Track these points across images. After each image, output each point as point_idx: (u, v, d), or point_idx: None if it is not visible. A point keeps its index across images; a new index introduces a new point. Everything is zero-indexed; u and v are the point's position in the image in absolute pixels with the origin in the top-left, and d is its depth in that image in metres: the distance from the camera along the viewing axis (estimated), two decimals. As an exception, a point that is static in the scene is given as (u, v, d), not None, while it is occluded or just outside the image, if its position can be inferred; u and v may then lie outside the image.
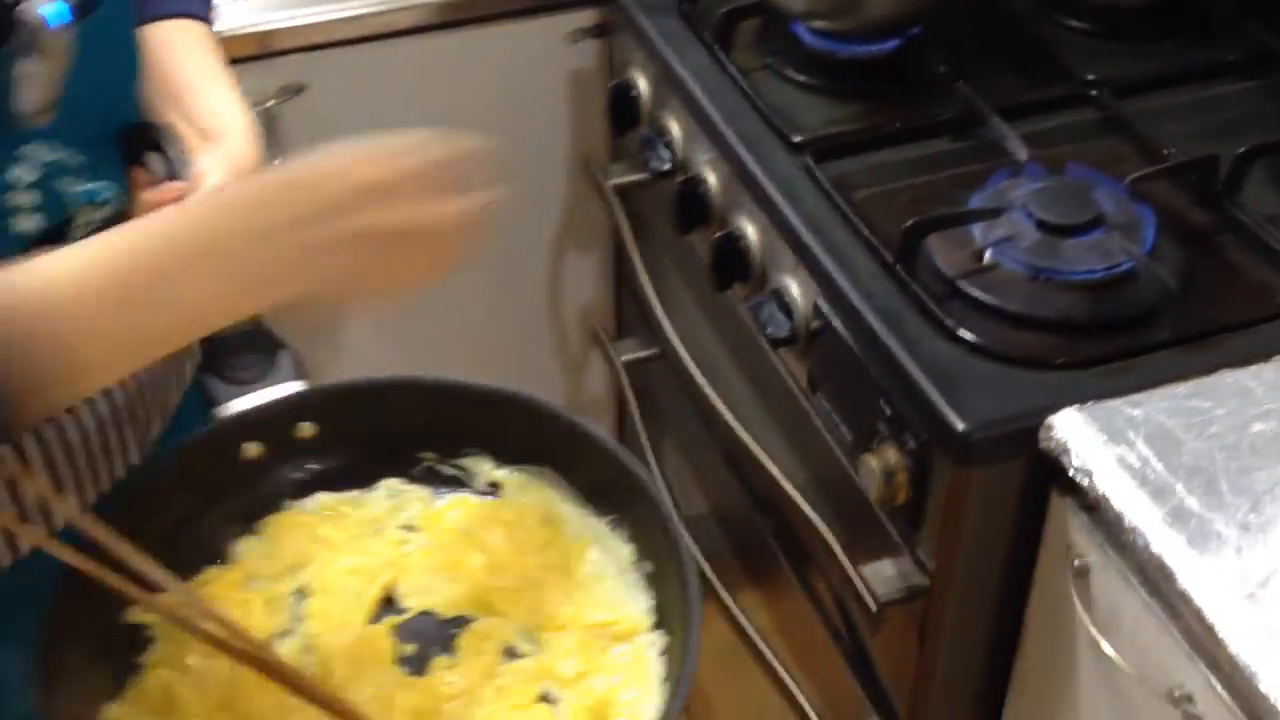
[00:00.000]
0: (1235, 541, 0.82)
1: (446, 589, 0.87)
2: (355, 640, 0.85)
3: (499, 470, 0.93)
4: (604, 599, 0.86)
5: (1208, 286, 1.01)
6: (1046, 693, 0.99)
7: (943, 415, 0.93)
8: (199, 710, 0.80)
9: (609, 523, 0.89)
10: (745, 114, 1.22)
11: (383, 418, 0.92)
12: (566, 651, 0.84)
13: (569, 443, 0.90)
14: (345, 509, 0.92)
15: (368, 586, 0.87)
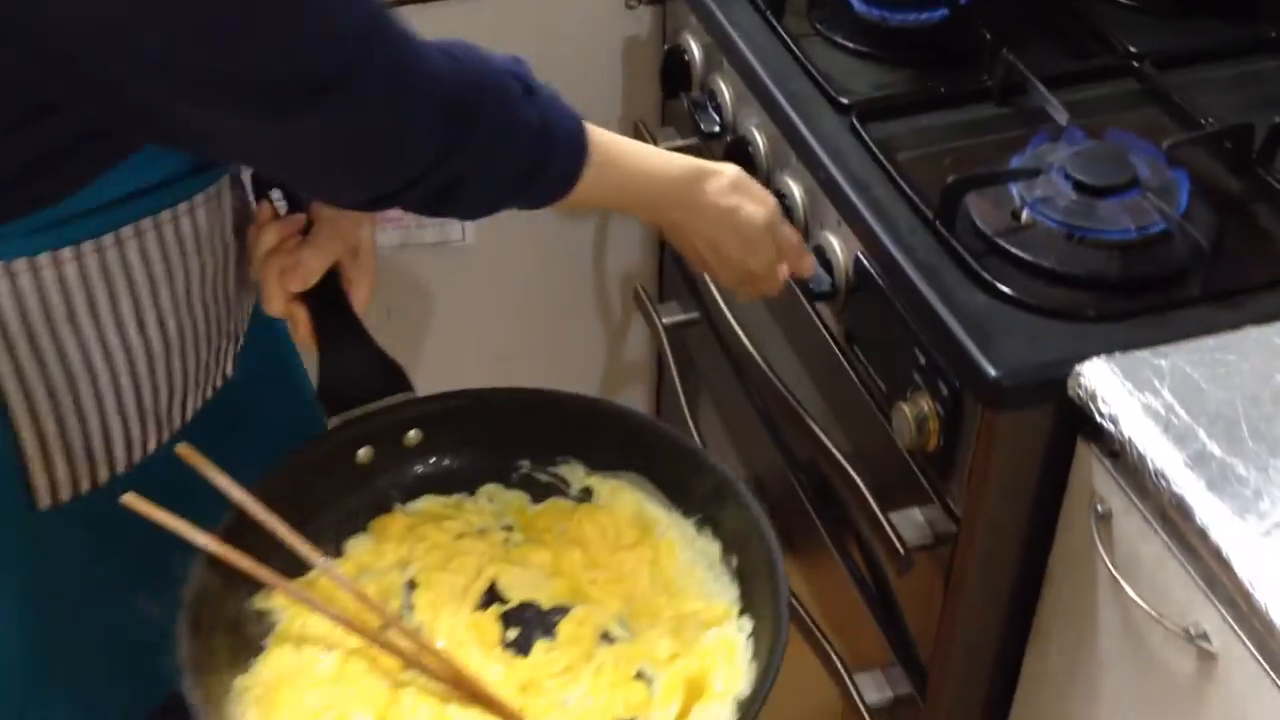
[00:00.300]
0: (1254, 484, 0.85)
1: (546, 583, 0.95)
2: (463, 625, 0.92)
3: (591, 477, 1.01)
4: (694, 590, 0.94)
5: (1238, 249, 1.04)
6: (1067, 635, 1.02)
7: (976, 362, 0.96)
8: (317, 684, 0.87)
9: (695, 522, 0.97)
10: (795, 77, 1.26)
11: (484, 427, 1.01)
12: (660, 636, 0.90)
13: (656, 447, 0.99)
14: (449, 511, 0.99)
15: (473, 580, 0.95)
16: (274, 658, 0.89)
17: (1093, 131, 1.14)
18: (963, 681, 1.13)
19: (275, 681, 0.87)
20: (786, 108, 1.23)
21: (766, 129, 1.29)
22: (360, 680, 0.87)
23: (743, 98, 1.33)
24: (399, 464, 1.00)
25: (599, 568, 0.95)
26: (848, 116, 1.20)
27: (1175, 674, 0.90)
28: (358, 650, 0.89)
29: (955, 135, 1.19)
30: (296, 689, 0.87)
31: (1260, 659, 0.82)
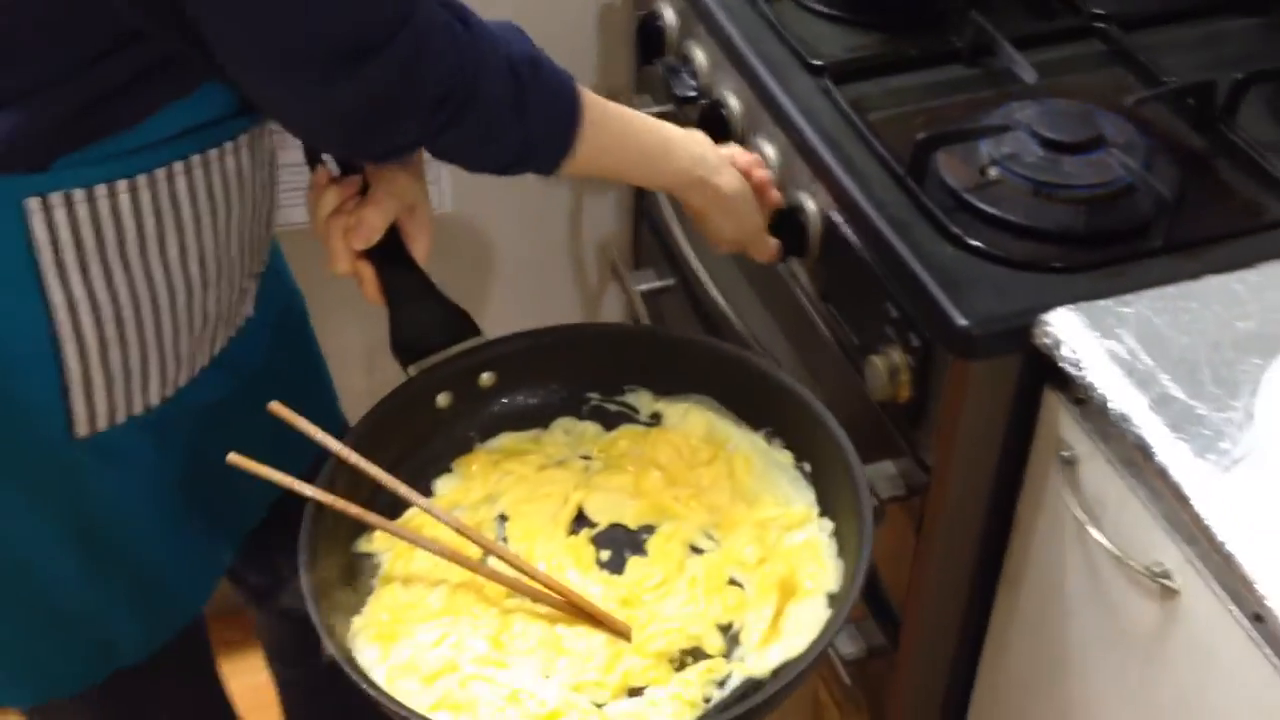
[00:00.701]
0: (1214, 425, 0.87)
1: (630, 504, 0.99)
2: (558, 549, 0.96)
3: (658, 402, 1.05)
4: (772, 498, 0.98)
5: (1199, 202, 1.06)
6: (1035, 580, 1.05)
7: (945, 312, 0.98)
8: (430, 616, 0.91)
9: (765, 434, 1.01)
10: (768, 40, 1.28)
11: (551, 363, 1.05)
12: (745, 542, 0.95)
13: (718, 367, 1.03)
14: (528, 445, 1.03)
15: (560, 508, 0.99)
16: (384, 597, 0.93)
17: (1060, 91, 1.16)
18: (934, 630, 1.16)
19: (390, 618, 0.91)
20: (760, 71, 1.25)
21: (741, 93, 1.30)
22: (470, 610, 0.91)
23: (717, 63, 1.35)
24: (476, 406, 1.04)
25: (679, 485, 0.99)
26: (821, 78, 1.21)
27: (1140, 612, 0.93)
28: (463, 583, 0.92)
29: (925, 95, 1.21)
30: (410, 623, 0.90)
31: (1220, 594, 0.84)
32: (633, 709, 0.87)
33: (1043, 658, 1.06)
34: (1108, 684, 0.99)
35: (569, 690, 0.87)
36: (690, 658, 0.90)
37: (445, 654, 0.89)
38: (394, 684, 0.87)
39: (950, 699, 1.20)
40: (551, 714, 0.86)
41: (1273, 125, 1.14)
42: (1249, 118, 1.14)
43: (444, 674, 0.88)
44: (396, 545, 0.95)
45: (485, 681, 0.87)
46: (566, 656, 0.89)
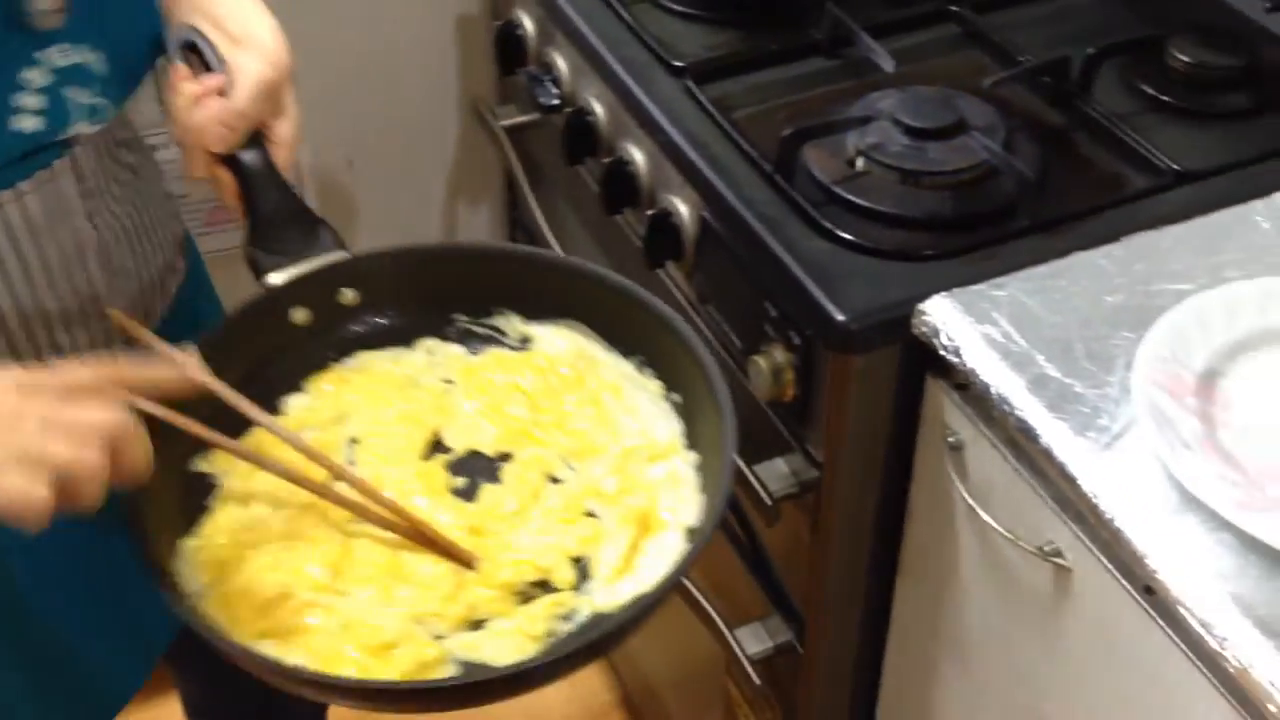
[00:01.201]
0: (1092, 401, 0.88)
1: (489, 429, 0.94)
2: (409, 475, 0.91)
3: (528, 325, 0.99)
4: (637, 427, 0.93)
5: (1063, 179, 1.08)
6: (932, 566, 1.05)
7: (823, 309, 0.98)
8: (266, 539, 0.86)
9: (636, 362, 0.96)
10: (629, 44, 1.27)
11: (418, 282, 0.99)
12: (606, 473, 0.90)
13: (590, 292, 0.98)
14: (387, 365, 0.98)
15: (416, 430, 0.93)
16: (221, 518, 0.88)
17: (920, 78, 1.17)
18: (838, 623, 1.16)
19: (225, 541, 0.86)
20: (623, 75, 1.24)
21: (605, 98, 1.29)
22: (310, 534, 0.86)
23: (579, 69, 1.34)
24: (335, 324, 0.98)
25: (541, 411, 0.95)
26: (683, 79, 1.21)
27: (1035, 592, 0.94)
28: (306, 506, 0.87)
29: (788, 90, 1.21)
30: (246, 547, 0.85)
31: (1111, 569, 0.85)
32: (473, 641, 0.83)
33: (945, 642, 1.07)
34: (1009, 663, 1.00)
35: (408, 620, 0.83)
36: (540, 590, 0.86)
37: (280, 579, 0.84)
38: (223, 611, 0.82)
39: (859, 690, 1.20)
40: (386, 644, 0.81)
41: (1127, 97, 1.16)
42: (1103, 91, 1.16)
43: (277, 602, 0.83)
44: (237, 465, 0.90)
45: (321, 610, 0.83)
46: (409, 585, 0.85)
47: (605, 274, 0.99)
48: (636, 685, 1.73)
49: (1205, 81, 1.15)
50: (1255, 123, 1.13)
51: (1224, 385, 0.87)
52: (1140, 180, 1.07)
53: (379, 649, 0.81)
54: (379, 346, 0.99)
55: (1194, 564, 0.78)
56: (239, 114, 0.92)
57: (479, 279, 1.00)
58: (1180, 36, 1.17)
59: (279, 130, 0.96)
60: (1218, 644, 0.75)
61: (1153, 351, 0.87)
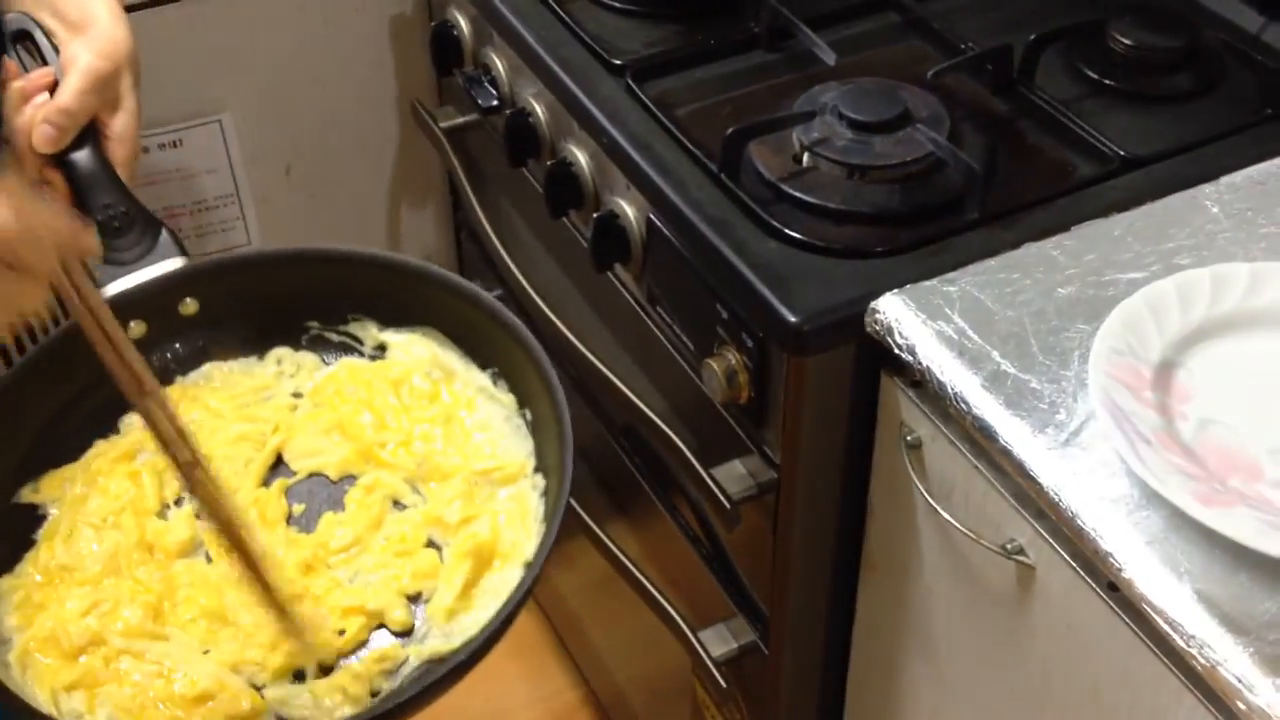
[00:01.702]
0: (1049, 397, 0.87)
1: (335, 450, 0.91)
2: (247, 502, 0.87)
3: (384, 333, 0.96)
4: (488, 447, 0.90)
5: (1010, 168, 1.07)
6: (894, 564, 1.05)
7: (775, 310, 0.97)
8: (84, 580, 0.83)
9: (491, 375, 0.94)
10: (565, 43, 1.25)
11: (266, 289, 0.95)
12: (451, 498, 0.87)
13: (447, 300, 0.94)
14: (234, 378, 0.94)
15: (256, 452, 0.90)
16: (41, 555, 0.84)
17: (861, 69, 1.15)
18: (802, 623, 1.15)
19: (42, 579, 0.83)
20: (561, 75, 1.21)
21: (544, 98, 1.27)
22: (132, 572, 0.83)
23: (517, 69, 1.31)
24: (176, 335, 0.94)
25: (388, 429, 0.92)
26: (622, 78, 1.19)
27: (998, 590, 0.93)
28: (135, 543, 0.85)
29: (729, 86, 1.19)
30: (63, 586, 0.82)
31: (1074, 565, 0.85)
32: (292, 695, 0.80)
33: (910, 639, 1.06)
34: (975, 660, 0.99)
35: (226, 669, 0.80)
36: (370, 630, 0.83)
37: (91, 624, 0.81)
38: (30, 658, 0.79)
39: (827, 689, 1.19)
40: (200, 696, 0.78)
41: (1070, 82, 1.15)
42: (1047, 77, 1.15)
43: (89, 648, 0.80)
44: (67, 494, 0.86)
45: (133, 657, 0.80)
46: (231, 629, 0.82)
47: (456, 281, 0.95)
48: (602, 684, 1.72)
49: (1148, 64, 1.14)
50: (1199, 104, 1.12)
51: (1181, 376, 0.87)
52: (1088, 167, 1.06)
53: (192, 701, 0.78)
54: (227, 358, 0.95)
55: (1158, 561, 0.77)
56: (64, 111, 0.87)
57: (333, 285, 0.96)
58: (1121, 19, 1.16)
59: (115, 125, 0.90)
60: (1184, 642, 0.74)
61: (1108, 345, 0.86)
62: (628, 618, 1.41)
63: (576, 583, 1.67)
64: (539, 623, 1.83)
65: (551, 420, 0.87)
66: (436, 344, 0.95)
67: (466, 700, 1.79)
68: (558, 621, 1.79)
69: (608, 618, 1.62)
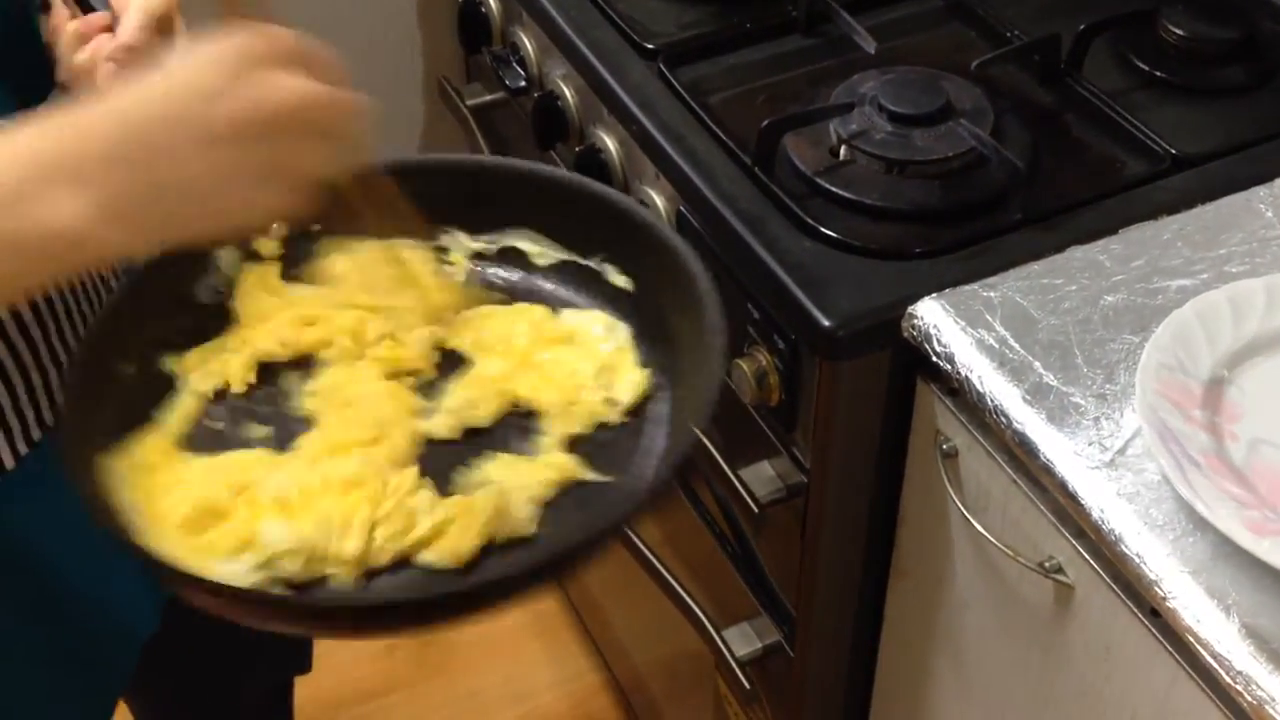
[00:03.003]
0: (1093, 412, 0.84)
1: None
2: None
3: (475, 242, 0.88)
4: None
5: (1055, 165, 1.03)
6: (925, 575, 1.02)
7: (809, 314, 0.93)
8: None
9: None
10: (596, 24, 1.21)
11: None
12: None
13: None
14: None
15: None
16: (168, 424, 0.78)
17: (902, 55, 1.11)
18: (829, 626, 1.13)
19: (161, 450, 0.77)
20: (591, 57, 1.18)
21: (573, 81, 1.23)
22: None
23: (545, 49, 1.28)
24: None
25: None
26: (654, 62, 1.15)
27: (1035, 607, 0.90)
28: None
29: (765, 72, 1.16)
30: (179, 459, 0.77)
31: (1115, 589, 0.82)
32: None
33: (940, 649, 1.03)
34: (1007, 675, 0.97)
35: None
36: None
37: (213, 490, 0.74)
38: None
39: (852, 694, 1.17)
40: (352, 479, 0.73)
41: (1120, 74, 1.11)
42: (1095, 68, 1.11)
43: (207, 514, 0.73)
44: (206, 362, 0.80)
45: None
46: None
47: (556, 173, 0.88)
48: (623, 668, 1.70)
49: (1201, 56, 1.10)
50: (1254, 99, 1.08)
51: (1231, 394, 0.83)
52: (1136, 166, 1.02)
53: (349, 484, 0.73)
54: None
55: (1204, 591, 0.74)
56: (129, 48, 0.84)
57: (417, 197, 0.85)
58: (1173, 8, 1.11)
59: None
60: (1230, 678, 0.71)
61: (1156, 360, 0.83)
62: (650, 605, 1.39)
63: (599, 567, 1.65)
64: (562, 605, 1.82)
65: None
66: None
67: (487, 681, 1.78)
68: (580, 604, 1.77)
69: (631, 604, 1.60)
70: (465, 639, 1.81)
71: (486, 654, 1.80)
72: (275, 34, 0.65)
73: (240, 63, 0.62)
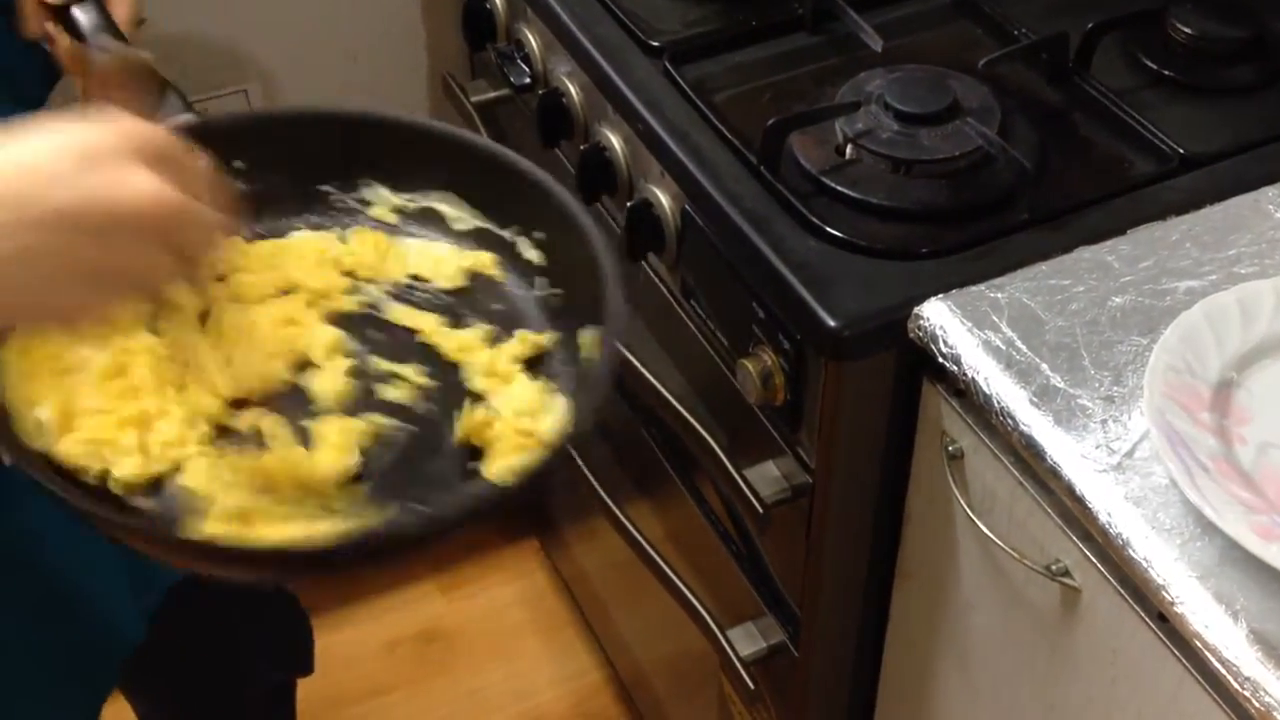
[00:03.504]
0: (1100, 415, 0.83)
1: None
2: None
3: (397, 196, 0.88)
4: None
5: (1063, 164, 1.02)
6: (931, 574, 1.01)
7: (814, 313, 0.93)
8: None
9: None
10: (601, 21, 1.20)
11: (279, 149, 0.86)
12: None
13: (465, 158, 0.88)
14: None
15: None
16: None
17: (909, 53, 1.11)
18: (834, 627, 1.12)
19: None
20: (596, 55, 1.17)
21: (578, 78, 1.23)
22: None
23: (550, 46, 1.27)
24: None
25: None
26: (660, 60, 1.14)
27: (1041, 609, 0.89)
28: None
29: (771, 70, 1.15)
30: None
31: (1123, 593, 0.81)
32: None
33: (945, 650, 1.03)
34: (1013, 677, 0.96)
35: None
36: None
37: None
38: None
39: (857, 694, 1.17)
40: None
41: (1128, 72, 1.10)
42: (1103, 66, 1.10)
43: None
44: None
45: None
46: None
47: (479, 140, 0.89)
48: (626, 666, 1.70)
49: (1210, 55, 1.09)
50: (1264, 98, 1.07)
51: (1240, 397, 0.83)
52: (1144, 166, 1.02)
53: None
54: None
55: (1211, 596, 0.73)
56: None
57: (344, 147, 0.87)
58: (1182, 6, 1.11)
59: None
60: (1239, 684, 0.71)
61: (1164, 363, 0.82)
62: (654, 602, 1.38)
63: (602, 564, 1.65)
64: (564, 602, 1.81)
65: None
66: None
67: (489, 679, 1.78)
68: (583, 601, 1.77)
69: (633, 601, 1.59)
70: (468, 636, 1.81)
71: (488, 652, 1.80)
72: (143, 128, 0.60)
73: (93, 151, 0.58)
